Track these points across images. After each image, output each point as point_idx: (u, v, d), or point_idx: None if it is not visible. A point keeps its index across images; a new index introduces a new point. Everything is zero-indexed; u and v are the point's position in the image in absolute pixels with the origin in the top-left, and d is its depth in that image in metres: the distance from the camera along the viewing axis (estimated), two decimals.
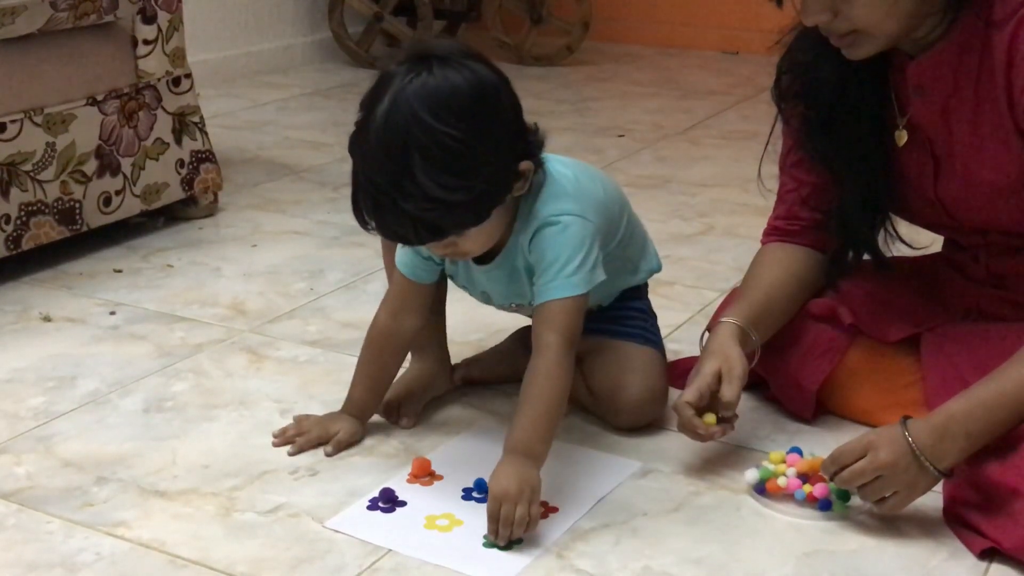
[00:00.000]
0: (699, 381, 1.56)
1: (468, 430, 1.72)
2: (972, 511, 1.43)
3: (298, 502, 1.53)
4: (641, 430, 1.71)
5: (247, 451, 1.65)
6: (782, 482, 1.52)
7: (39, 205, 2.29)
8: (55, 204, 2.32)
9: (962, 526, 1.44)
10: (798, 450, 1.57)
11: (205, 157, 2.64)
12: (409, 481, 1.57)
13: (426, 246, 1.52)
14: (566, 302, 1.52)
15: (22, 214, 2.26)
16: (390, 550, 1.42)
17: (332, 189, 2.88)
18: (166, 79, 2.53)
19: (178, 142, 2.57)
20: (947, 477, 1.42)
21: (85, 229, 2.39)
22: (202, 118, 2.64)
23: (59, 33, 2.32)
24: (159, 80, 2.52)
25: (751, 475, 1.54)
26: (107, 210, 2.43)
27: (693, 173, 3.09)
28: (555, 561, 1.41)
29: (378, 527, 1.47)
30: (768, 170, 1.77)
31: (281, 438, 1.67)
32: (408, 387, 1.75)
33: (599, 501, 1.53)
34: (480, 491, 1.52)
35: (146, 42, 2.48)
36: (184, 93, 2.58)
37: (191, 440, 1.69)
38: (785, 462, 1.55)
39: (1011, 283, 1.66)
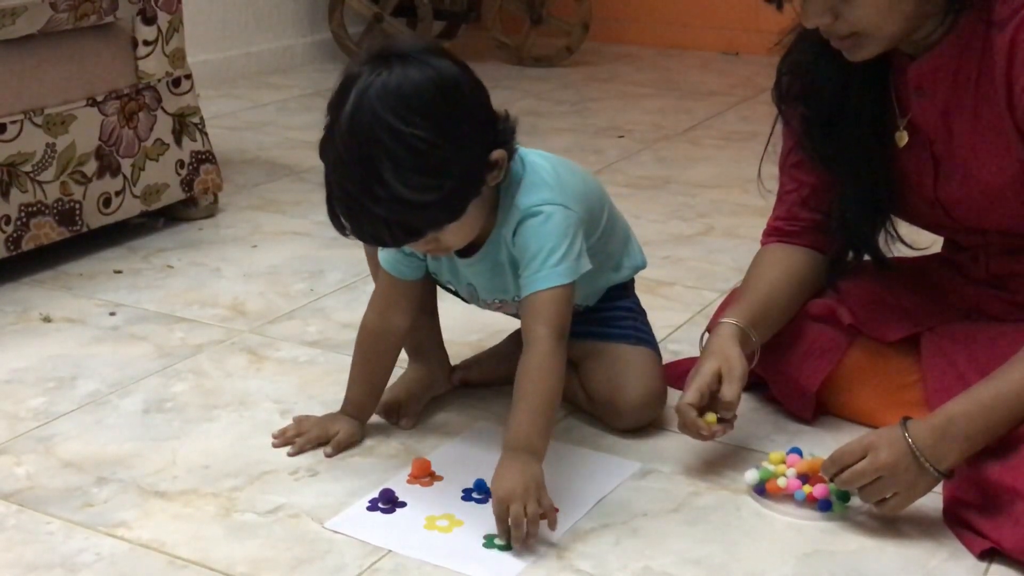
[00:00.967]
0: (699, 381, 1.56)
1: (468, 431, 1.72)
2: (972, 512, 1.43)
3: (298, 502, 1.53)
4: (641, 431, 1.71)
5: (247, 451, 1.65)
6: (782, 483, 1.52)
7: (39, 206, 2.29)
8: (55, 205, 2.32)
9: (962, 527, 1.44)
10: (798, 451, 1.57)
11: (205, 158, 2.64)
12: (409, 482, 1.57)
13: (407, 245, 1.51)
14: (554, 292, 1.51)
15: (22, 215, 2.26)
16: (390, 551, 1.42)
17: None
18: (166, 80, 2.53)
19: (178, 143, 2.57)
20: (947, 478, 1.42)
21: (85, 230, 2.39)
22: (202, 119, 2.64)
23: (59, 34, 2.32)
24: (159, 81, 2.52)
25: (751, 475, 1.54)
26: (107, 211, 2.43)
27: (693, 174, 3.08)
28: (555, 561, 1.41)
29: (378, 528, 1.47)
30: (768, 171, 1.77)
31: (281, 439, 1.67)
32: (408, 388, 1.75)
33: (599, 501, 1.53)
34: (480, 491, 1.52)
35: (146, 43, 2.48)
36: (184, 94, 2.58)
37: (191, 440, 1.69)
38: (785, 463, 1.54)
39: (1011, 283, 1.66)
